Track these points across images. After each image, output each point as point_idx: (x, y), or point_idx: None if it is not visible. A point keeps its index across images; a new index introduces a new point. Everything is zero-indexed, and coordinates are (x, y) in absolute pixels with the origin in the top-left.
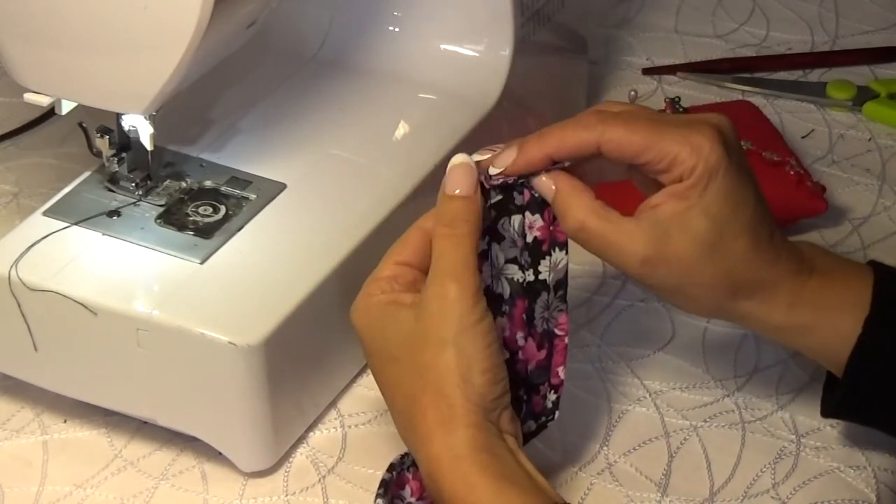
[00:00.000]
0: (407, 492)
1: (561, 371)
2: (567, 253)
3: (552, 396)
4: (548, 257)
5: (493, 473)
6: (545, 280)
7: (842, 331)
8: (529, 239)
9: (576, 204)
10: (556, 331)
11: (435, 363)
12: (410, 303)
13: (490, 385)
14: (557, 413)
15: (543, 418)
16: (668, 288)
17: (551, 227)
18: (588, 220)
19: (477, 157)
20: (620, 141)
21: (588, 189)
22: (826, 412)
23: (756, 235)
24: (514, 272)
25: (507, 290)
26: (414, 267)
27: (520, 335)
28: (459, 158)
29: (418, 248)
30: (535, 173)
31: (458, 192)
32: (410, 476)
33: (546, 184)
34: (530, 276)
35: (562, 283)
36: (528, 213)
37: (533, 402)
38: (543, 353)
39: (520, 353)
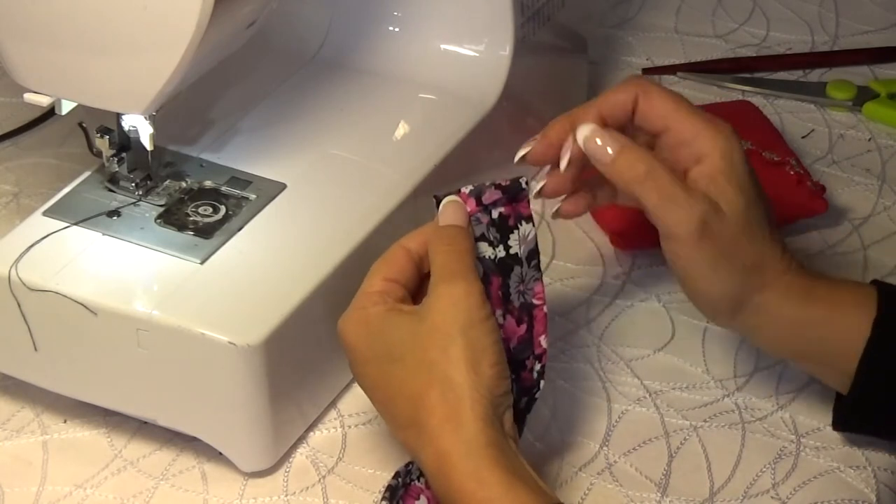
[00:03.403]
0: (423, 502)
1: (543, 340)
2: (534, 225)
3: (537, 367)
4: (515, 231)
5: (503, 469)
6: (516, 254)
7: (850, 334)
8: (495, 215)
9: (644, 152)
10: (534, 301)
11: (443, 357)
12: (409, 311)
13: (498, 379)
14: (543, 382)
15: (535, 389)
16: (700, 268)
17: (514, 203)
18: (656, 166)
19: (523, 150)
20: (657, 99)
21: None
22: (837, 425)
23: (771, 223)
24: (486, 249)
25: (480, 271)
26: (401, 284)
27: (499, 313)
28: (450, 198)
29: (404, 268)
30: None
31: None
32: (423, 486)
33: (601, 148)
34: (501, 252)
35: (534, 254)
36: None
37: (522, 379)
38: (524, 328)
39: (501, 332)
